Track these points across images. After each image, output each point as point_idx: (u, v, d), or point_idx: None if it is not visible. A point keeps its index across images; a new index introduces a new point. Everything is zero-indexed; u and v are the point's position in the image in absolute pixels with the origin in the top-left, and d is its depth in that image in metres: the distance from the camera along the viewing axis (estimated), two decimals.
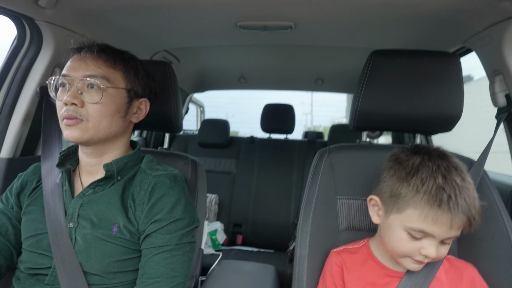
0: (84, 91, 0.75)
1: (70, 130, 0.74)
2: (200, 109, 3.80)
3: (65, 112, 0.74)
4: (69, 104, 0.73)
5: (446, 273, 0.72)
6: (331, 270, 0.78)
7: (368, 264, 0.76)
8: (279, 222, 2.01)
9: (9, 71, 1.09)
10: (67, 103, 0.73)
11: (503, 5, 0.90)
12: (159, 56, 1.67)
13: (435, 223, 0.63)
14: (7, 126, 1.09)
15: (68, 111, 0.73)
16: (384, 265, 0.74)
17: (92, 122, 0.75)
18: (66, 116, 0.73)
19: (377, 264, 0.75)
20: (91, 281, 0.74)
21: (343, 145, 0.96)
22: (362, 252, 0.78)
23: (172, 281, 0.72)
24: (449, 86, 0.89)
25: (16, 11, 0.96)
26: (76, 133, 0.74)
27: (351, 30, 1.26)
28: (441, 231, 0.63)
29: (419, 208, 0.64)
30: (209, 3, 1.03)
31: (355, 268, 0.76)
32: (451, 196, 0.63)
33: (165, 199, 0.77)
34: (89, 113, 0.75)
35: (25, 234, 0.79)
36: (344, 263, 0.77)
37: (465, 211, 0.63)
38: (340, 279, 0.76)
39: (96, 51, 0.77)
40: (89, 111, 0.75)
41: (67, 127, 0.74)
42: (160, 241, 0.74)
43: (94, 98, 0.75)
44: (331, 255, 0.80)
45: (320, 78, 2.24)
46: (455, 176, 0.65)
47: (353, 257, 0.78)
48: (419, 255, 0.66)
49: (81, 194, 0.79)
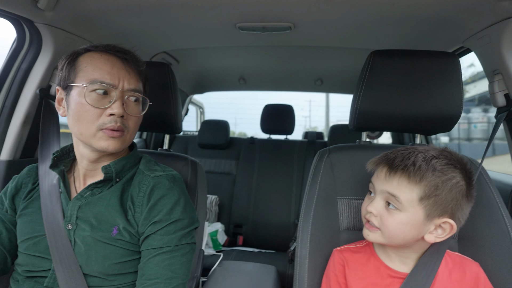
0: (126, 103, 0.76)
1: (113, 141, 0.75)
2: (200, 110, 3.80)
3: (111, 123, 0.74)
4: (118, 116, 0.74)
5: (450, 272, 0.71)
6: (334, 269, 0.78)
7: (370, 264, 0.75)
8: (279, 223, 2.01)
9: (8, 73, 1.09)
10: (116, 115, 0.74)
11: (502, 5, 0.90)
12: (159, 57, 1.67)
13: (376, 176, 0.73)
14: (7, 128, 1.09)
15: (116, 122, 0.74)
16: (387, 265, 0.74)
17: (130, 133, 0.78)
18: (114, 128, 0.74)
19: (380, 263, 0.75)
20: (91, 283, 0.73)
21: (343, 145, 0.96)
22: (365, 251, 0.78)
23: (171, 282, 0.72)
24: (448, 86, 0.89)
25: (15, 14, 0.96)
26: (119, 144, 0.76)
27: (350, 31, 1.26)
28: (380, 181, 0.71)
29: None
30: (208, 4, 1.04)
31: (357, 267, 0.76)
32: (397, 156, 0.70)
33: (164, 200, 0.77)
34: (129, 125, 0.78)
35: (21, 237, 0.78)
36: (346, 262, 0.77)
37: (399, 163, 0.68)
38: (342, 277, 0.76)
39: (136, 61, 0.79)
40: (129, 122, 0.78)
41: (111, 138, 0.75)
42: (159, 242, 0.74)
43: (136, 111, 0.79)
44: (333, 254, 0.80)
45: (320, 78, 2.24)
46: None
47: (355, 256, 0.78)
48: (367, 213, 0.72)
49: (78, 196, 0.78)
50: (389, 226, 0.68)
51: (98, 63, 0.75)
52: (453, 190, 0.66)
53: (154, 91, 1.01)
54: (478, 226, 0.80)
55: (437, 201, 0.66)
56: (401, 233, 0.68)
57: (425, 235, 0.69)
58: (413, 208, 0.66)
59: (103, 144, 0.75)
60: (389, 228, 0.68)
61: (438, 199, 0.65)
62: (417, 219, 0.67)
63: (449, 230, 0.68)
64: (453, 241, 0.82)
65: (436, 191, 0.65)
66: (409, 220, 0.67)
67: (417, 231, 0.68)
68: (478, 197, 0.83)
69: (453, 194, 0.66)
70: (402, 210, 0.67)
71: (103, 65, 0.75)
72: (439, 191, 0.65)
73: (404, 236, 0.68)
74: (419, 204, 0.66)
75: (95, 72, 0.74)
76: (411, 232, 0.68)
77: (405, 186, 0.67)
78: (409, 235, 0.68)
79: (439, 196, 0.65)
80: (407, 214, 0.67)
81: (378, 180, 0.72)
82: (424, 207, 0.66)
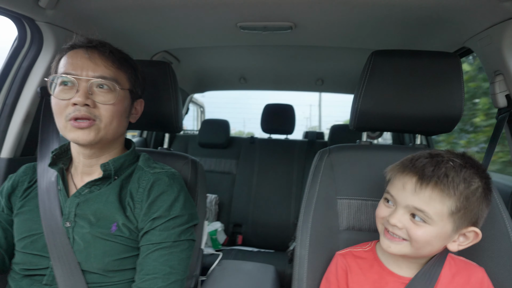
0: (93, 92, 0.74)
1: (82, 132, 0.73)
2: (200, 110, 3.81)
3: (75, 112, 0.72)
4: (80, 105, 0.72)
5: (453, 276, 0.70)
6: (336, 273, 0.76)
7: (374, 270, 0.74)
8: (279, 222, 2.01)
9: (9, 72, 1.09)
10: (78, 103, 0.71)
11: (503, 6, 0.90)
12: (159, 56, 1.67)
13: (401, 187, 0.66)
14: (8, 126, 1.09)
15: (80, 111, 0.72)
16: (390, 270, 0.72)
17: (104, 122, 0.75)
18: (78, 116, 0.72)
19: (383, 269, 0.73)
20: (91, 280, 0.74)
21: (343, 146, 0.96)
22: (368, 256, 0.76)
23: (169, 277, 0.72)
24: (449, 86, 0.89)
25: (16, 12, 0.96)
26: (91, 135, 0.73)
27: (351, 31, 1.26)
28: (405, 195, 0.65)
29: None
30: (209, 3, 1.03)
31: (360, 273, 0.74)
32: (425, 165, 0.64)
33: (164, 197, 0.77)
34: (102, 114, 0.74)
35: (19, 236, 0.78)
36: (349, 267, 0.76)
37: (430, 176, 0.63)
38: (344, 283, 0.75)
39: (108, 51, 0.77)
40: (101, 111, 0.74)
41: (78, 129, 0.72)
42: (158, 237, 0.74)
43: (107, 99, 0.75)
44: (336, 257, 0.79)
45: (320, 78, 2.24)
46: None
47: (358, 261, 0.76)
48: (388, 224, 0.67)
49: (77, 194, 0.78)
50: (419, 238, 0.64)
51: (68, 58, 0.76)
52: (479, 199, 0.64)
53: (155, 90, 1.01)
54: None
55: (466, 213, 0.63)
56: (429, 245, 0.65)
57: (449, 244, 0.67)
58: (442, 221, 0.63)
59: (72, 135, 0.73)
60: (419, 241, 0.64)
61: (467, 211, 0.63)
62: (445, 232, 0.64)
63: (473, 238, 0.66)
64: None
65: (467, 203, 0.63)
66: (438, 233, 0.64)
67: (444, 242, 0.66)
68: None
69: (479, 203, 0.64)
70: (431, 224, 0.63)
71: (71, 58, 0.75)
72: (469, 203, 0.63)
73: (431, 248, 0.66)
74: (449, 218, 0.63)
75: (63, 67, 0.75)
76: (438, 244, 0.66)
77: (437, 200, 0.62)
78: (436, 246, 0.66)
79: (468, 208, 0.63)
80: (436, 227, 0.63)
81: (404, 192, 0.65)
82: (453, 221, 0.64)
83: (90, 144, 0.75)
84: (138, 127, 1.07)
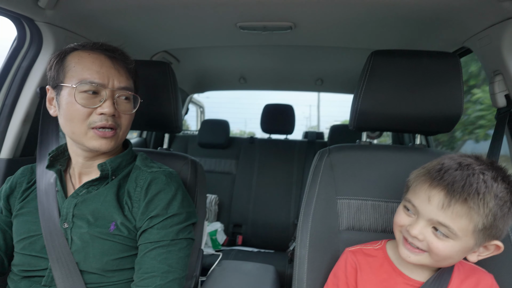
0: (116, 102, 0.76)
1: (105, 141, 0.75)
2: (200, 110, 3.80)
3: (102, 121, 0.74)
4: (109, 115, 0.74)
5: (462, 281, 0.69)
6: (345, 269, 0.76)
7: (384, 269, 0.73)
8: (279, 223, 2.01)
9: (9, 72, 1.09)
10: (107, 114, 0.74)
11: (503, 6, 0.90)
12: (159, 56, 1.67)
13: (426, 199, 0.62)
14: (7, 126, 1.09)
15: (107, 121, 0.74)
16: (400, 271, 0.72)
17: (123, 130, 0.79)
18: (106, 125, 0.74)
19: (393, 269, 0.73)
20: (90, 280, 0.74)
21: (343, 146, 0.96)
22: (378, 255, 0.76)
23: (167, 276, 0.72)
24: (449, 86, 0.89)
25: (16, 12, 0.96)
26: (112, 143, 0.77)
27: (350, 31, 1.26)
28: (430, 208, 0.61)
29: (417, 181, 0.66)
30: (208, 3, 1.03)
31: (370, 271, 0.74)
32: (455, 178, 0.60)
33: (161, 195, 0.77)
34: (122, 122, 0.78)
35: (17, 237, 0.78)
36: (359, 265, 0.75)
37: (460, 192, 0.58)
38: (353, 281, 0.74)
39: (124, 59, 0.79)
40: (122, 120, 0.78)
41: (102, 138, 0.75)
42: (156, 236, 0.74)
43: (127, 109, 0.79)
44: (345, 254, 0.79)
45: (320, 78, 2.24)
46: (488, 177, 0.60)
47: (369, 259, 0.75)
48: (408, 234, 0.65)
49: (74, 194, 0.79)
50: (439, 252, 0.62)
51: (86, 62, 0.74)
52: (506, 214, 0.61)
53: (155, 90, 1.01)
54: None
55: (492, 229, 0.61)
56: (450, 259, 0.64)
57: (469, 256, 0.66)
58: (466, 237, 0.61)
59: (95, 143, 0.75)
60: (439, 254, 0.62)
61: (493, 227, 0.61)
62: (467, 247, 0.62)
63: (494, 249, 0.65)
64: None
65: (495, 221, 0.60)
66: (460, 249, 0.62)
67: (465, 255, 0.65)
68: None
69: (506, 219, 0.61)
70: (453, 239, 0.61)
71: (92, 64, 0.74)
72: (497, 221, 0.60)
73: (452, 261, 0.65)
74: (473, 234, 0.60)
75: (84, 72, 0.73)
76: (459, 257, 0.64)
77: (464, 217, 0.59)
78: (457, 259, 0.65)
79: (494, 225, 0.60)
80: (459, 242, 0.61)
81: (429, 205, 0.62)
82: (478, 237, 0.61)
83: (108, 151, 0.78)
84: (138, 127, 1.07)
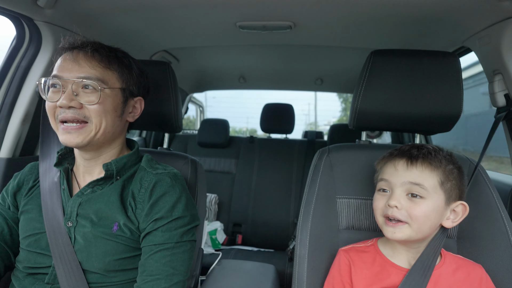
0: (79, 93, 0.73)
1: (70, 135, 0.73)
2: (200, 109, 3.80)
3: (62, 114, 0.72)
4: (64, 107, 0.72)
5: (453, 273, 0.72)
6: (339, 269, 0.78)
7: (377, 263, 0.76)
8: (279, 222, 2.01)
9: (8, 71, 1.09)
10: (62, 106, 0.72)
11: (502, 5, 0.90)
12: (159, 56, 1.67)
13: (393, 169, 0.73)
14: (6, 126, 1.09)
15: (66, 113, 0.72)
16: (392, 262, 0.75)
17: (95, 123, 0.75)
18: (66, 118, 0.72)
19: (385, 261, 0.76)
20: (92, 280, 0.74)
21: (342, 145, 0.96)
22: (371, 250, 0.79)
23: (172, 278, 0.73)
24: (448, 86, 0.89)
25: (15, 11, 0.96)
26: (79, 138, 0.73)
27: (350, 30, 1.26)
28: (399, 173, 0.72)
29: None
30: (208, 3, 1.03)
31: (364, 266, 0.76)
32: (410, 149, 0.74)
33: (166, 198, 0.77)
34: (91, 115, 0.74)
35: (23, 234, 0.78)
36: (352, 261, 0.77)
37: (418, 155, 0.71)
38: (348, 278, 0.76)
39: (90, 51, 0.75)
40: (90, 112, 0.74)
41: (67, 132, 0.73)
42: (161, 238, 0.74)
43: (92, 99, 0.74)
44: (339, 253, 0.81)
45: (320, 78, 2.24)
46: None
47: (361, 255, 0.78)
48: (388, 209, 0.71)
49: (79, 193, 0.79)
50: (418, 215, 0.69)
51: (59, 61, 0.76)
52: (457, 176, 0.72)
53: (154, 89, 1.01)
54: (477, 226, 0.81)
55: (453, 185, 0.71)
56: (428, 220, 0.70)
57: (443, 222, 0.73)
58: (436, 193, 0.70)
59: (62, 138, 0.74)
60: (418, 218, 0.69)
61: (453, 183, 0.71)
62: (439, 204, 0.70)
63: (462, 212, 0.73)
64: (452, 241, 0.83)
65: (451, 176, 0.71)
66: (434, 206, 0.70)
67: (439, 217, 0.71)
68: (477, 197, 0.83)
69: (459, 178, 0.73)
70: (427, 198, 0.69)
71: (60, 61, 0.76)
72: (452, 176, 0.72)
73: (431, 224, 0.70)
74: (441, 189, 0.70)
75: (54, 70, 0.75)
76: (435, 219, 0.71)
77: (427, 173, 0.70)
78: (434, 222, 0.71)
79: (453, 181, 0.71)
80: (432, 200, 0.69)
81: (396, 173, 0.72)
82: (444, 191, 0.70)
83: (79, 147, 0.76)
84: (137, 127, 1.07)
